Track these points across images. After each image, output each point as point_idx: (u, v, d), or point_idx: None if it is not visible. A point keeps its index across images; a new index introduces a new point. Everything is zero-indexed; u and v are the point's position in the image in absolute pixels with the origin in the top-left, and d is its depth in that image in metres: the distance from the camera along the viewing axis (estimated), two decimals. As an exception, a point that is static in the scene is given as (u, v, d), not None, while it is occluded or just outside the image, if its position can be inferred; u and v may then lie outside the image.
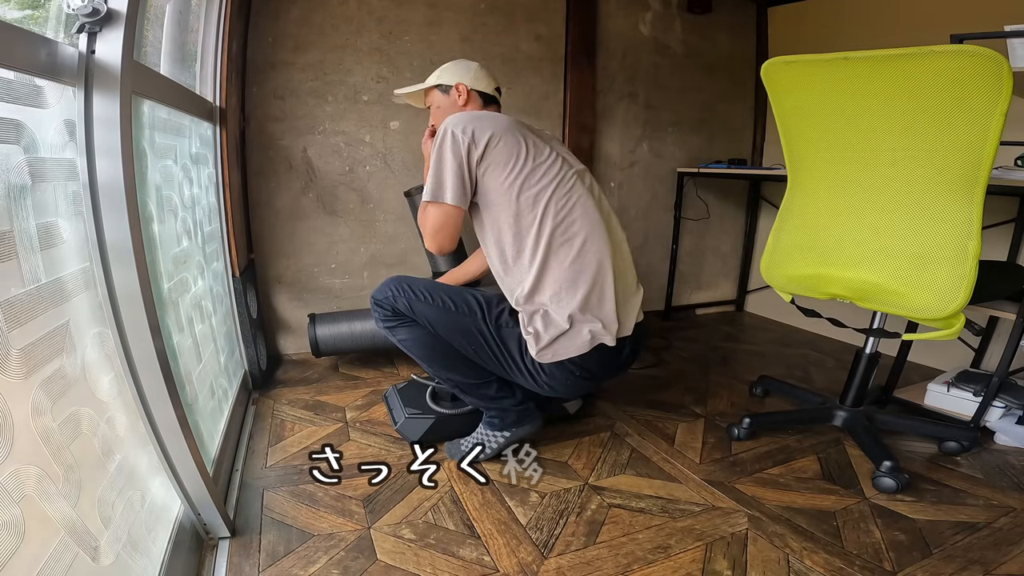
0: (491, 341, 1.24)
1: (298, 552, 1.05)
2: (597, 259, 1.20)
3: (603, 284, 1.21)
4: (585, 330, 1.19)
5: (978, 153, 1.03)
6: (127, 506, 0.84)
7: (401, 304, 1.26)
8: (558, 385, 1.24)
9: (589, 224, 1.22)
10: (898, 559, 1.05)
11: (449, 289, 1.28)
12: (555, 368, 1.21)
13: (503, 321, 1.25)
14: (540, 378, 1.23)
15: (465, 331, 1.25)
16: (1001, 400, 1.53)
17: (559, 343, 1.19)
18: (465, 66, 1.38)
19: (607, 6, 2.32)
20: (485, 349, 1.25)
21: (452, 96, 1.36)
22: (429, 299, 1.25)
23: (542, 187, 1.20)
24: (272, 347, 2.08)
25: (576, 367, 1.21)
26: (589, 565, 1.04)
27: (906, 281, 1.17)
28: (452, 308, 1.25)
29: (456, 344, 1.26)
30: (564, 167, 1.24)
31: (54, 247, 0.73)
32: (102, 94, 0.75)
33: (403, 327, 1.28)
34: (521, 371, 1.24)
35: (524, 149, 1.20)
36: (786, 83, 1.26)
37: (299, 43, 1.90)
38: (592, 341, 1.19)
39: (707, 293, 2.90)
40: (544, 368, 1.21)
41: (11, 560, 0.55)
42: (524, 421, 1.36)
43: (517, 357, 1.23)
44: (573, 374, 1.22)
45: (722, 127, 2.70)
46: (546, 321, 1.19)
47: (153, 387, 0.86)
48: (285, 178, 1.98)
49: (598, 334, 1.19)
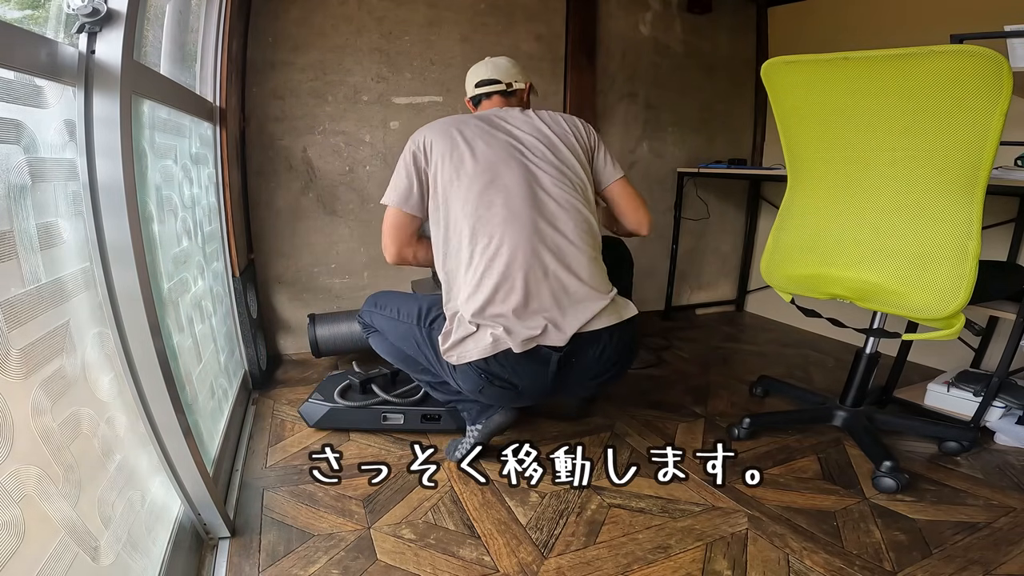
0: (422, 343, 1.31)
1: (298, 552, 1.05)
2: (509, 261, 1.15)
3: (513, 287, 1.15)
4: (487, 333, 1.15)
5: (978, 153, 1.03)
6: (127, 506, 0.84)
7: (367, 317, 1.43)
8: (472, 388, 1.23)
9: (504, 222, 1.16)
10: (898, 559, 1.05)
11: (405, 300, 1.38)
12: (467, 370, 1.19)
13: (435, 325, 1.28)
14: (456, 380, 1.25)
15: (404, 336, 1.34)
16: (1001, 400, 1.53)
17: (464, 345, 1.18)
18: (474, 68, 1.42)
19: (607, 6, 2.32)
20: (420, 352, 1.32)
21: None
22: (384, 310, 1.38)
23: (467, 185, 1.19)
24: (272, 347, 2.08)
25: (483, 372, 1.18)
26: (589, 565, 1.04)
27: (906, 281, 1.17)
28: (395, 317, 1.36)
29: (403, 348, 1.36)
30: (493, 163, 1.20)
31: (54, 247, 0.73)
32: (102, 94, 0.75)
33: (372, 336, 1.44)
34: (446, 373, 1.27)
35: (454, 148, 1.21)
36: (786, 83, 1.26)
37: (299, 43, 1.90)
38: (494, 346, 1.14)
39: (707, 293, 2.90)
40: (457, 370, 1.21)
41: (11, 560, 0.55)
42: (487, 412, 1.34)
43: (442, 361, 1.25)
44: (482, 378, 1.19)
45: (722, 127, 2.70)
46: (459, 322, 1.20)
47: (153, 387, 0.86)
48: (285, 178, 1.98)
49: (500, 339, 1.14)
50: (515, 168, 1.21)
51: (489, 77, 1.38)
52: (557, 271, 1.18)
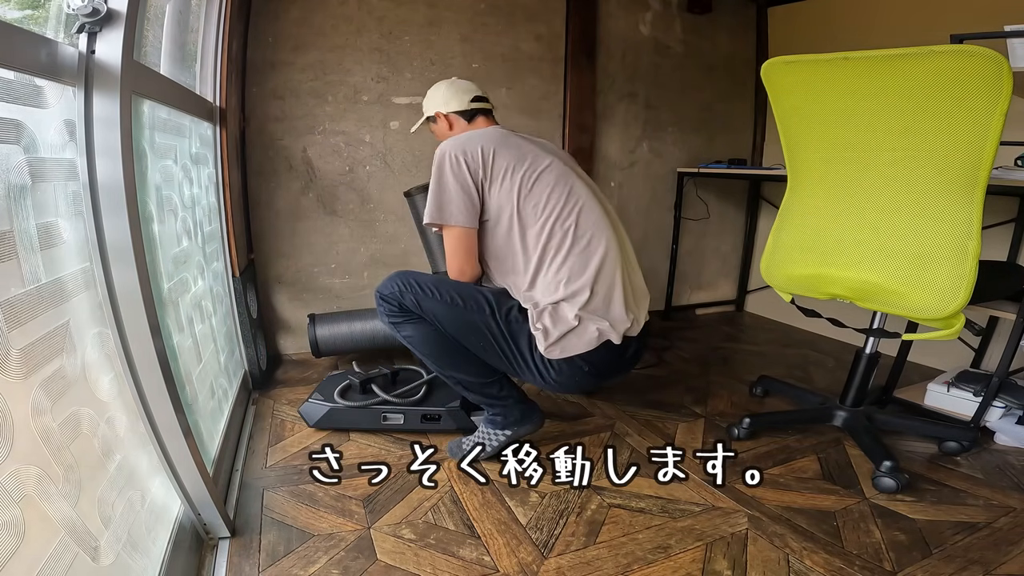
0: (500, 338, 1.25)
1: (298, 552, 1.06)
2: (604, 258, 1.23)
3: (611, 283, 1.24)
4: (592, 327, 1.21)
5: (978, 153, 1.03)
6: (127, 506, 0.84)
7: (408, 300, 1.24)
8: (566, 380, 1.27)
9: (595, 224, 1.25)
10: (898, 559, 1.05)
11: (457, 285, 1.27)
12: (564, 364, 1.23)
13: (512, 317, 1.25)
14: (549, 374, 1.25)
15: (474, 328, 1.25)
16: (1001, 400, 1.53)
17: (567, 339, 1.21)
18: (436, 90, 1.42)
19: (607, 6, 2.32)
20: (494, 346, 1.25)
21: (440, 125, 1.42)
22: (437, 295, 1.24)
23: (546, 191, 1.23)
24: (272, 347, 2.08)
25: (584, 363, 1.23)
26: (589, 565, 1.04)
27: (906, 281, 1.17)
28: (461, 304, 1.24)
29: (464, 341, 1.26)
30: (565, 171, 1.27)
31: (54, 247, 0.73)
32: (102, 94, 0.75)
33: (409, 324, 1.27)
34: (530, 367, 1.26)
35: (522, 156, 1.25)
36: (786, 83, 1.26)
37: (299, 43, 1.90)
38: (599, 338, 1.21)
39: (707, 293, 2.90)
40: (553, 364, 1.24)
41: (11, 560, 0.55)
42: (527, 420, 1.36)
43: (527, 353, 1.25)
44: (581, 370, 1.24)
45: (722, 127, 2.70)
46: (555, 318, 1.21)
47: (153, 387, 0.86)
48: (285, 178, 1.98)
49: (605, 331, 1.22)
50: (576, 176, 1.30)
51: (481, 94, 1.42)
52: (633, 268, 1.33)
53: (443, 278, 1.31)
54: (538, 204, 1.23)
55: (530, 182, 1.23)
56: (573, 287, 1.21)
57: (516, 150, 1.25)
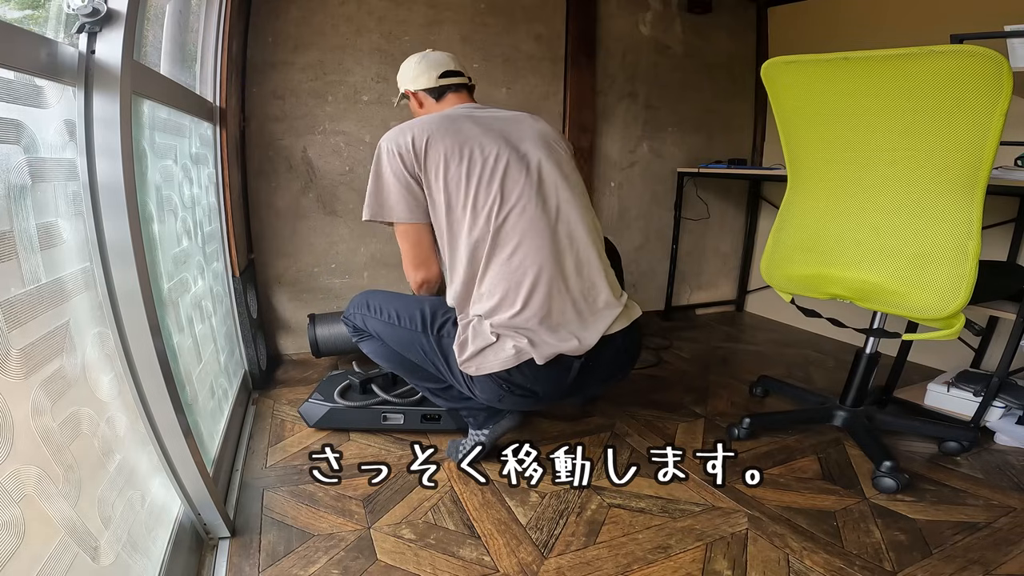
0: (431, 352, 1.23)
1: (298, 552, 1.05)
2: (530, 269, 1.12)
3: (535, 296, 1.12)
4: (509, 344, 1.11)
5: (978, 153, 1.03)
6: (127, 506, 0.84)
7: (358, 320, 1.32)
8: (491, 398, 1.20)
9: (523, 230, 1.12)
10: (898, 559, 1.05)
11: (401, 302, 1.28)
12: (485, 380, 1.15)
13: (445, 332, 1.21)
14: (473, 389, 1.20)
15: (407, 343, 1.26)
16: (1001, 400, 1.53)
17: (483, 356, 1.13)
18: (406, 65, 1.33)
19: (607, 6, 2.32)
20: (427, 360, 1.25)
21: (412, 103, 1.34)
22: (379, 314, 1.28)
23: (477, 190, 1.12)
24: (272, 347, 2.08)
25: (504, 382, 1.14)
26: (589, 565, 1.04)
27: (906, 281, 1.17)
28: (396, 322, 1.26)
29: (405, 354, 1.29)
30: (511, 165, 1.15)
31: (54, 247, 0.73)
32: (102, 94, 0.75)
33: (364, 340, 1.35)
34: (458, 381, 1.22)
35: (460, 147, 1.13)
36: (786, 83, 1.26)
37: (299, 43, 1.90)
38: (517, 357, 1.11)
39: (707, 293, 2.90)
40: (475, 380, 1.17)
41: (11, 560, 0.55)
42: (496, 417, 1.35)
43: (455, 367, 1.19)
44: (502, 388, 1.16)
45: (722, 127, 2.70)
46: (476, 331, 1.14)
47: (153, 387, 0.86)
48: (285, 178, 1.98)
49: (524, 350, 1.10)
50: (524, 171, 1.16)
51: (454, 68, 1.30)
52: (578, 281, 1.17)
53: (393, 296, 1.31)
54: (469, 203, 1.12)
55: (462, 177, 1.12)
56: (495, 299, 1.12)
57: (456, 138, 1.13)
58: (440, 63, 1.30)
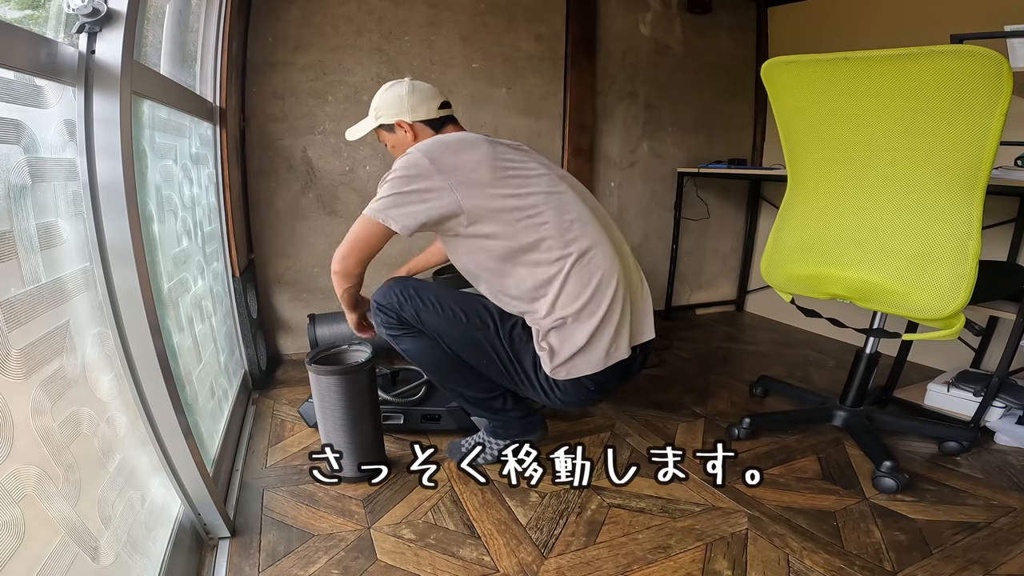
0: (504, 356, 1.19)
1: (298, 552, 1.06)
2: (606, 270, 1.13)
3: (616, 296, 1.14)
4: (601, 347, 1.14)
5: (978, 153, 1.03)
6: (127, 506, 0.84)
7: (408, 312, 1.19)
8: (571, 399, 1.21)
9: (592, 234, 1.14)
10: (898, 559, 1.05)
11: (460, 299, 1.21)
12: (569, 384, 1.17)
13: (516, 335, 1.19)
14: (554, 394, 1.20)
15: (476, 344, 1.19)
16: (1001, 400, 1.53)
17: (575, 360, 1.14)
18: (397, 96, 1.24)
19: (607, 6, 2.32)
20: (496, 364, 1.20)
21: (399, 133, 1.25)
22: (439, 309, 1.18)
23: (536, 203, 1.10)
24: (272, 347, 2.08)
25: (591, 382, 1.17)
26: (589, 565, 1.04)
27: (906, 281, 1.17)
28: (463, 321, 1.18)
29: (466, 356, 1.21)
30: (553, 180, 1.15)
31: (54, 247, 0.73)
32: (102, 94, 0.75)
33: (408, 337, 1.22)
34: (534, 386, 1.21)
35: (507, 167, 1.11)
36: (786, 83, 1.26)
37: (299, 43, 1.90)
38: (607, 359, 1.15)
39: (707, 293, 2.90)
40: (558, 384, 1.18)
41: (11, 560, 0.55)
42: (528, 432, 1.36)
43: (531, 372, 1.19)
44: (587, 388, 1.18)
45: (722, 127, 2.70)
46: (561, 337, 1.13)
47: (153, 387, 0.86)
48: (285, 178, 1.98)
49: (613, 351, 1.15)
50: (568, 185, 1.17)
51: (445, 99, 1.28)
52: (634, 276, 1.23)
53: (444, 287, 1.24)
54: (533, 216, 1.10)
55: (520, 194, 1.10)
56: (578, 304, 1.11)
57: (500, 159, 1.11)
58: (435, 93, 1.26)
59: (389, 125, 1.27)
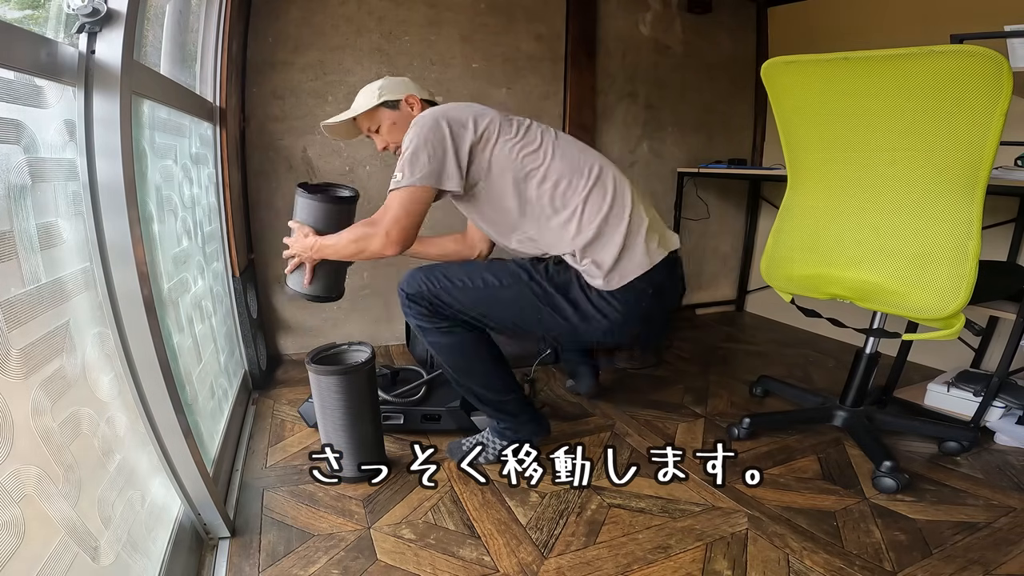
0: (550, 297, 1.19)
1: (298, 552, 1.06)
2: (618, 184, 1.22)
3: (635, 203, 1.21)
4: (639, 247, 1.18)
5: (978, 153, 1.03)
6: (127, 506, 0.84)
7: (447, 297, 1.20)
8: (633, 313, 1.18)
9: (599, 160, 1.24)
10: (898, 559, 1.05)
11: (485, 266, 1.23)
12: (627, 294, 1.17)
13: (552, 271, 1.20)
14: (614, 312, 1.18)
15: (517, 301, 1.19)
16: (1001, 400, 1.53)
17: (622, 264, 1.16)
18: (402, 80, 1.35)
19: (607, 6, 2.32)
20: (545, 310, 1.19)
21: (404, 109, 1.31)
22: (469, 282, 1.19)
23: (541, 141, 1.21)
24: (272, 347, 2.08)
25: (648, 285, 1.18)
26: (589, 565, 1.04)
27: (906, 281, 1.17)
28: (498, 284, 1.19)
29: (518, 321, 1.22)
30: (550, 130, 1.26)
31: (54, 247, 0.73)
32: (102, 94, 0.75)
33: (438, 331, 1.24)
34: (588, 316, 1.19)
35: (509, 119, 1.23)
36: (786, 83, 1.26)
37: (299, 43, 1.90)
38: (650, 256, 1.18)
39: (707, 293, 2.90)
40: (616, 296, 1.17)
41: (11, 560, 0.55)
42: (534, 433, 1.37)
43: (581, 300, 1.18)
44: (646, 293, 1.18)
45: (722, 127, 2.70)
46: (599, 247, 1.16)
47: (153, 387, 0.86)
48: (285, 178, 1.98)
49: (654, 251, 1.19)
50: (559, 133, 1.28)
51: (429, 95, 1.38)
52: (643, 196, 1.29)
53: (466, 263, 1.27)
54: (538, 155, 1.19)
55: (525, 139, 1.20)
56: (602, 213, 1.17)
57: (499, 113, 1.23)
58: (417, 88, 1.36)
59: (394, 102, 1.32)
